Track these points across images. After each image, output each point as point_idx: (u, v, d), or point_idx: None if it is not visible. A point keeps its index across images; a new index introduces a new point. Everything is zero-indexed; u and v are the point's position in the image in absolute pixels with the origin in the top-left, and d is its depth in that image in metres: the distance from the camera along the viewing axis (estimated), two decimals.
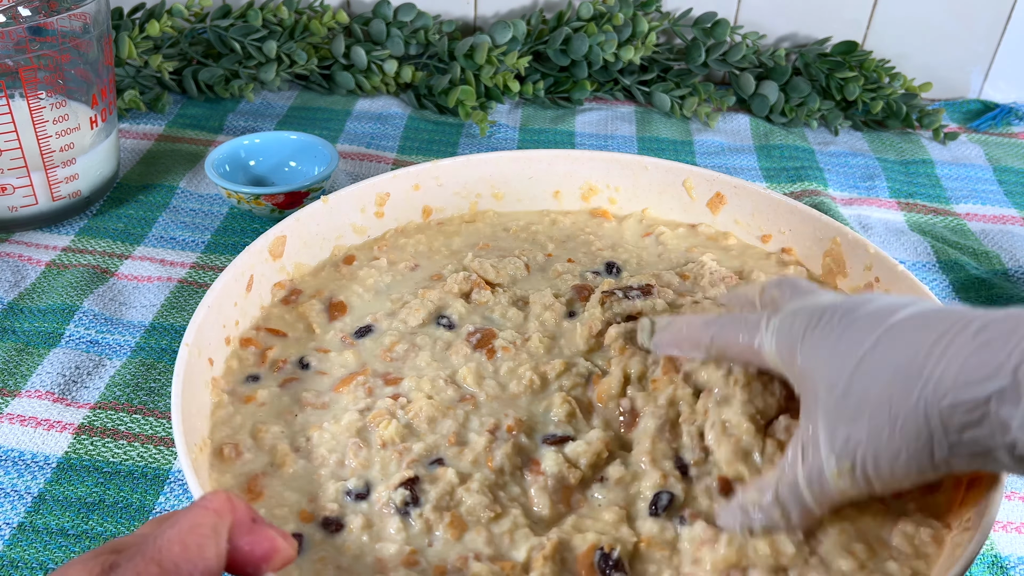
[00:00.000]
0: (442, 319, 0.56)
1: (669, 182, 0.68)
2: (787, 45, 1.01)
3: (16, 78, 0.67)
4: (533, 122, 0.95)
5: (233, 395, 0.52)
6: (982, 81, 1.02)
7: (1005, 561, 0.52)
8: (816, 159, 0.90)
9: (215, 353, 0.53)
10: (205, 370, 0.51)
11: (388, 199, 0.65)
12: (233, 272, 0.55)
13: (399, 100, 0.97)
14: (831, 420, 0.41)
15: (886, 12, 0.98)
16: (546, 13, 1.01)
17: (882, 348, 0.40)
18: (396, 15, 0.97)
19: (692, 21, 0.99)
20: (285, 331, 0.57)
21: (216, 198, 0.80)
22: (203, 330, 0.51)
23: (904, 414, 0.38)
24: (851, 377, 0.40)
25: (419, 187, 0.66)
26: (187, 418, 0.46)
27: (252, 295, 0.57)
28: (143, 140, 0.88)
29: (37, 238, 0.74)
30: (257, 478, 0.47)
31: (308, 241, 0.62)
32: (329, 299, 0.59)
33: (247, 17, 0.94)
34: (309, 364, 0.54)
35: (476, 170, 0.68)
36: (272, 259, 0.59)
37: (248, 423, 0.50)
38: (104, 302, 0.67)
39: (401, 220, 0.67)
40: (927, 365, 0.38)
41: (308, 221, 0.62)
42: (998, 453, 0.37)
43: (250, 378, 0.53)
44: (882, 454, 0.39)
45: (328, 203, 0.62)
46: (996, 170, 0.91)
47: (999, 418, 0.35)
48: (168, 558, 0.30)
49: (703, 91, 0.96)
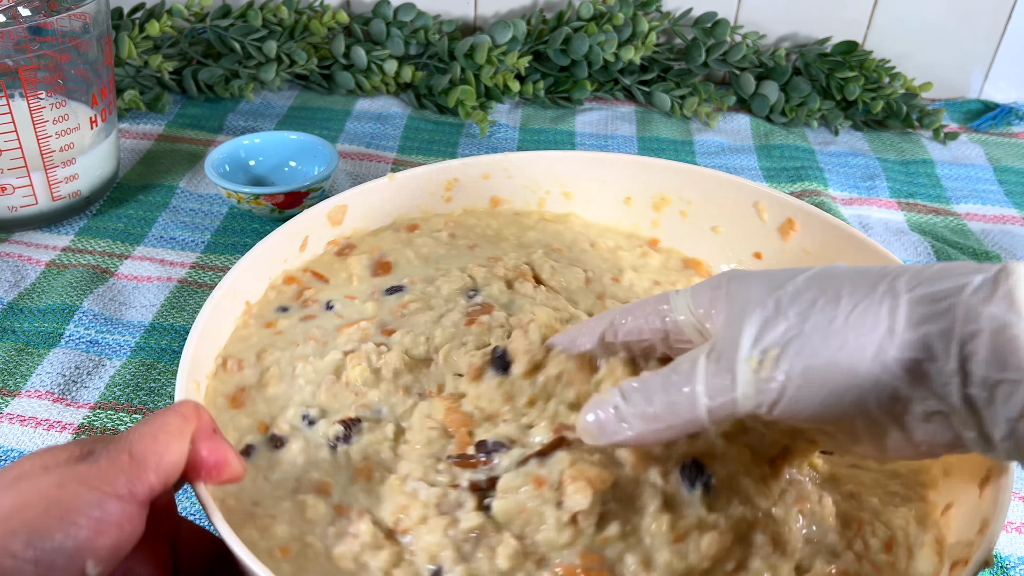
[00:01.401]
0: (472, 293, 0.56)
1: (741, 201, 0.63)
2: (787, 45, 1.01)
3: (16, 78, 0.67)
4: (533, 122, 0.95)
5: (259, 319, 0.55)
6: (982, 81, 1.02)
7: (1005, 561, 0.52)
8: (816, 159, 0.90)
9: (253, 296, 0.56)
10: (237, 307, 0.55)
11: (456, 184, 0.65)
12: (287, 231, 0.58)
13: (399, 100, 0.97)
14: (760, 315, 0.37)
15: (886, 12, 0.98)
16: (546, 13, 1.00)
17: (829, 267, 0.38)
18: (396, 15, 0.97)
19: (692, 21, 0.99)
20: (329, 277, 0.59)
21: (216, 198, 0.80)
22: (242, 278, 0.54)
23: (863, 305, 0.35)
24: (805, 281, 0.37)
25: (488, 176, 0.65)
26: (207, 335, 0.50)
27: (304, 254, 0.60)
28: (143, 140, 0.88)
29: (37, 238, 0.74)
30: (244, 390, 0.50)
31: (368, 214, 0.63)
32: (379, 258, 0.60)
33: (247, 17, 0.94)
34: (333, 306, 0.56)
35: (548, 166, 0.66)
36: (330, 225, 0.61)
37: (259, 344, 0.53)
38: (104, 302, 0.67)
39: (468, 206, 0.67)
40: (889, 269, 0.36)
41: (371, 194, 0.62)
42: (938, 363, 0.33)
43: (280, 309, 0.56)
44: (825, 342, 0.35)
45: (394, 180, 0.63)
46: (996, 170, 0.91)
47: (966, 305, 0.33)
48: (138, 449, 0.34)
49: (703, 91, 0.96)
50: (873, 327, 0.34)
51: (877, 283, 0.35)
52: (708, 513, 0.41)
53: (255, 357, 0.52)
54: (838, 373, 0.35)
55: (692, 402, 0.37)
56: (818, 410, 0.36)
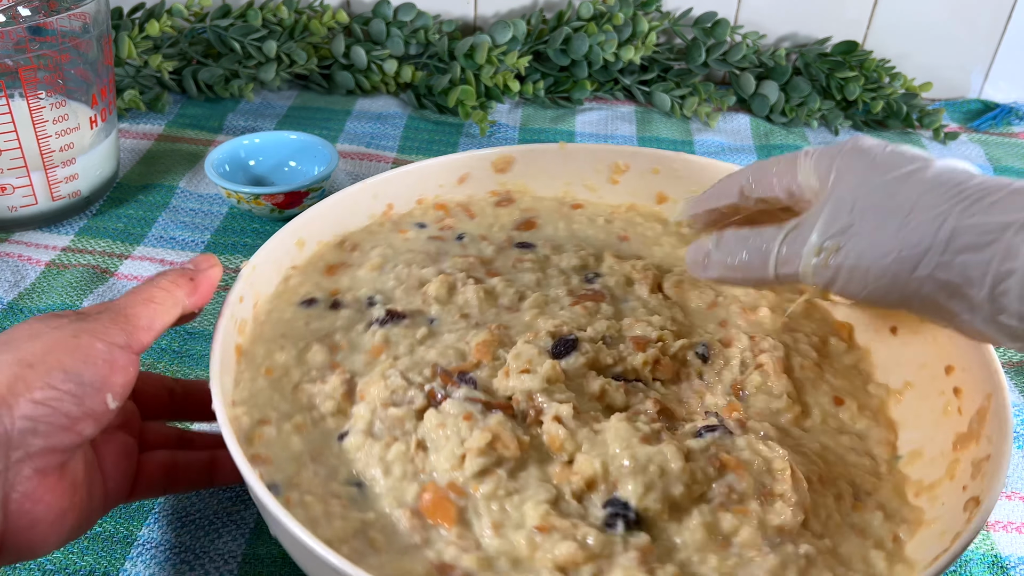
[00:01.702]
0: (591, 276, 0.58)
1: None
2: (787, 45, 1.01)
3: (16, 78, 0.66)
4: (533, 122, 0.95)
5: (395, 224, 0.62)
6: (982, 81, 1.02)
7: (1005, 561, 0.52)
8: None
9: (398, 203, 0.63)
10: (378, 207, 0.62)
11: (626, 170, 0.66)
12: (447, 162, 0.63)
13: (399, 100, 0.97)
14: (838, 209, 0.42)
15: (886, 12, 0.98)
16: (546, 13, 1.00)
17: (931, 167, 0.41)
18: (396, 15, 0.97)
19: (692, 21, 0.99)
20: (477, 216, 0.64)
21: (216, 198, 0.80)
22: (393, 181, 0.61)
23: (921, 216, 0.39)
24: (887, 182, 0.41)
25: (658, 171, 0.65)
26: (333, 212, 0.58)
27: (461, 188, 0.64)
28: (143, 140, 0.88)
29: (37, 238, 0.74)
30: (343, 266, 0.58)
31: (536, 176, 0.66)
32: (530, 217, 0.64)
33: (247, 17, 0.94)
34: (463, 238, 0.62)
35: (719, 175, 0.65)
36: (495, 172, 0.65)
37: (381, 241, 0.60)
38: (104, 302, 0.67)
39: (634, 197, 0.67)
40: (969, 185, 0.39)
41: (539, 158, 0.65)
42: (972, 291, 0.38)
43: (419, 225, 0.62)
44: (873, 248, 0.40)
45: (564, 150, 0.65)
46: (996, 170, 0.91)
47: (1008, 245, 0.37)
48: (133, 312, 0.42)
49: (703, 91, 0.96)
50: (918, 244, 0.39)
51: (941, 203, 0.39)
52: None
53: (370, 247, 0.59)
54: (883, 277, 0.40)
55: (764, 265, 0.45)
56: (866, 298, 0.42)
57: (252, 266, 0.52)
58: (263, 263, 0.53)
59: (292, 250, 0.57)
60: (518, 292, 0.56)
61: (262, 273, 0.53)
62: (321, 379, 0.49)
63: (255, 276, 0.52)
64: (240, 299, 0.50)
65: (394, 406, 0.47)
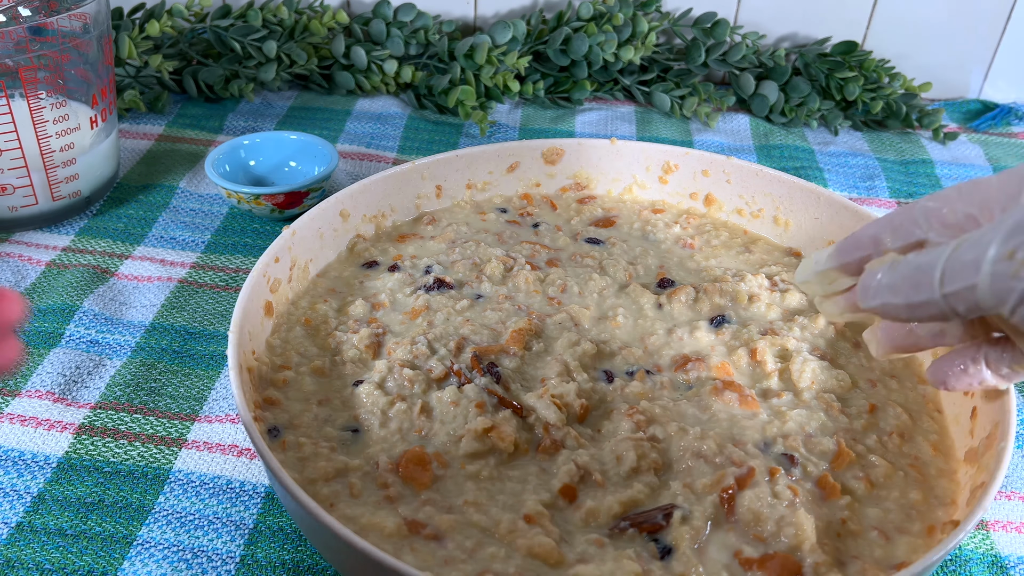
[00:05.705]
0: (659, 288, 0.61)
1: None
2: (787, 45, 1.01)
3: (16, 78, 0.67)
4: (533, 122, 0.95)
5: (474, 206, 0.65)
6: (982, 81, 1.02)
7: (1005, 561, 0.52)
8: (816, 159, 0.90)
9: (454, 191, 0.67)
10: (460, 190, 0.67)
11: (676, 171, 0.68)
12: (496, 149, 0.66)
13: (399, 100, 0.97)
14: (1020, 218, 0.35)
15: (886, 12, 0.98)
16: (546, 13, 1.01)
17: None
18: (396, 15, 0.97)
19: (692, 21, 0.99)
20: (559, 208, 0.67)
21: (216, 198, 0.80)
22: (453, 163, 0.66)
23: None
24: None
25: (708, 174, 0.67)
26: (385, 189, 0.63)
27: (512, 176, 0.67)
28: (143, 140, 0.89)
29: (37, 238, 0.74)
30: (414, 237, 0.63)
31: (587, 167, 0.69)
32: (611, 216, 0.68)
33: (247, 17, 0.94)
34: (539, 225, 0.66)
35: (766, 184, 0.65)
36: (544, 163, 0.68)
37: (458, 220, 0.64)
38: (104, 302, 0.67)
39: (681, 194, 0.69)
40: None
41: (592, 152, 0.68)
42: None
43: (500, 209, 0.66)
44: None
45: (615, 144, 0.68)
46: (996, 170, 0.91)
47: None
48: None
49: (703, 91, 0.96)
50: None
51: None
52: None
53: (446, 222, 0.64)
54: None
55: (929, 281, 0.37)
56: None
57: (292, 231, 0.56)
58: (303, 228, 0.58)
59: (334, 220, 0.61)
60: (574, 283, 0.59)
61: (303, 238, 0.58)
62: (354, 329, 0.54)
63: (295, 240, 0.57)
64: (276, 259, 0.55)
65: (411, 368, 0.51)
